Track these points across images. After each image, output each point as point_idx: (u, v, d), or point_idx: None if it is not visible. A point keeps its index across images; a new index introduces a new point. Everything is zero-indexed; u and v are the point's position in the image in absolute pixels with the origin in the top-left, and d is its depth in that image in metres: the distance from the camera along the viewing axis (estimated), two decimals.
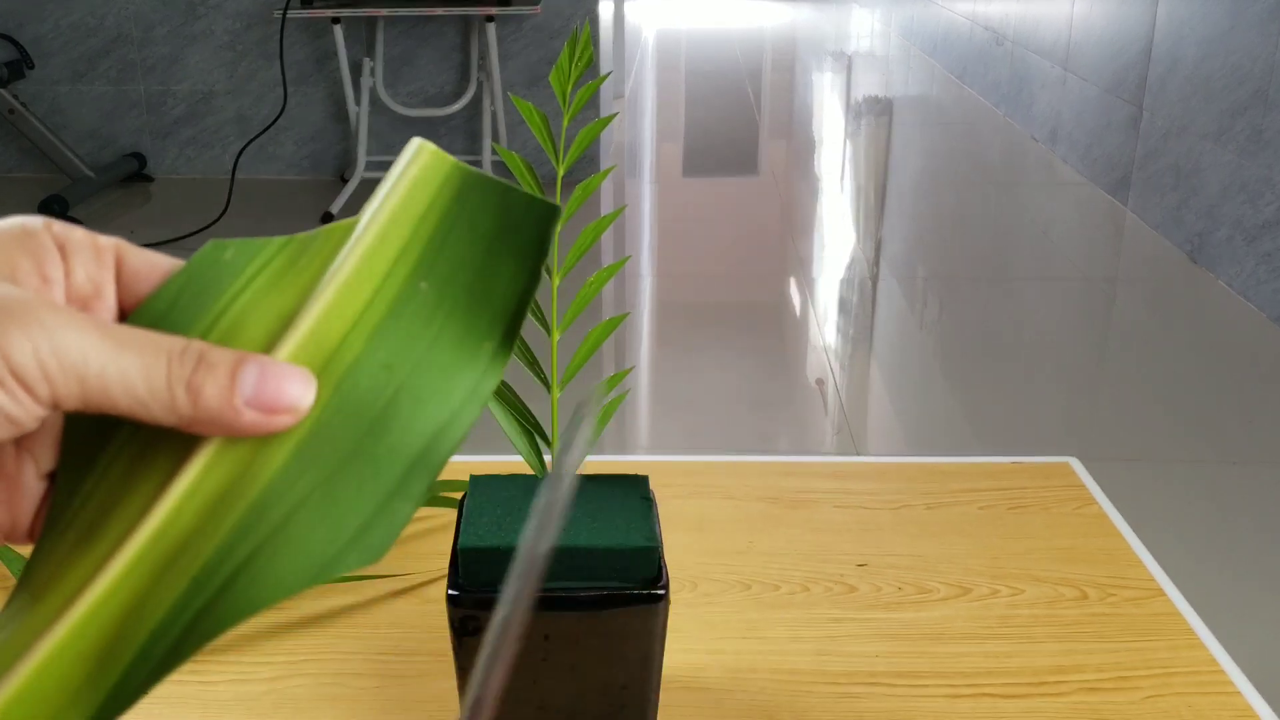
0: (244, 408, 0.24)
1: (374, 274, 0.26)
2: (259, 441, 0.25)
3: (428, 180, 0.27)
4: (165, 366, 0.24)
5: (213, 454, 0.25)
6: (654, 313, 2.83)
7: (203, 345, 0.25)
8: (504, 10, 3.26)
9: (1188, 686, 0.52)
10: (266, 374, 0.25)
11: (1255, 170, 2.72)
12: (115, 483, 0.25)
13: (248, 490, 0.25)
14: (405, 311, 0.26)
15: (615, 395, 0.48)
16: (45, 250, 0.26)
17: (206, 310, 0.26)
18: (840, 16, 8.67)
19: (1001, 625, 0.56)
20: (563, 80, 0.45)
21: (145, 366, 0.24)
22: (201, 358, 0.24)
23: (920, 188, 3.95)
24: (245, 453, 0.25)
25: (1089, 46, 3.85)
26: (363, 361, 0.26)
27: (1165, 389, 2.32)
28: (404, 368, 0.26)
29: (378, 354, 0.26)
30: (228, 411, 0.24)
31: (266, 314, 0.26)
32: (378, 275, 0.26)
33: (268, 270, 0.27)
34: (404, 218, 0.27)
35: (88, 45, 3.63)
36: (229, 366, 0.24)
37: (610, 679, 0.45)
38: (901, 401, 2.34)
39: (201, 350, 0.25)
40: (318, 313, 0.26)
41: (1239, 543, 1.79)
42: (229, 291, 0.26)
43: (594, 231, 0.46)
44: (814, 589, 0.59)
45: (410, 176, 0.27)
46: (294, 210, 3.43)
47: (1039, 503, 0.67)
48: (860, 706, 0.51)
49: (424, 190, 0.27)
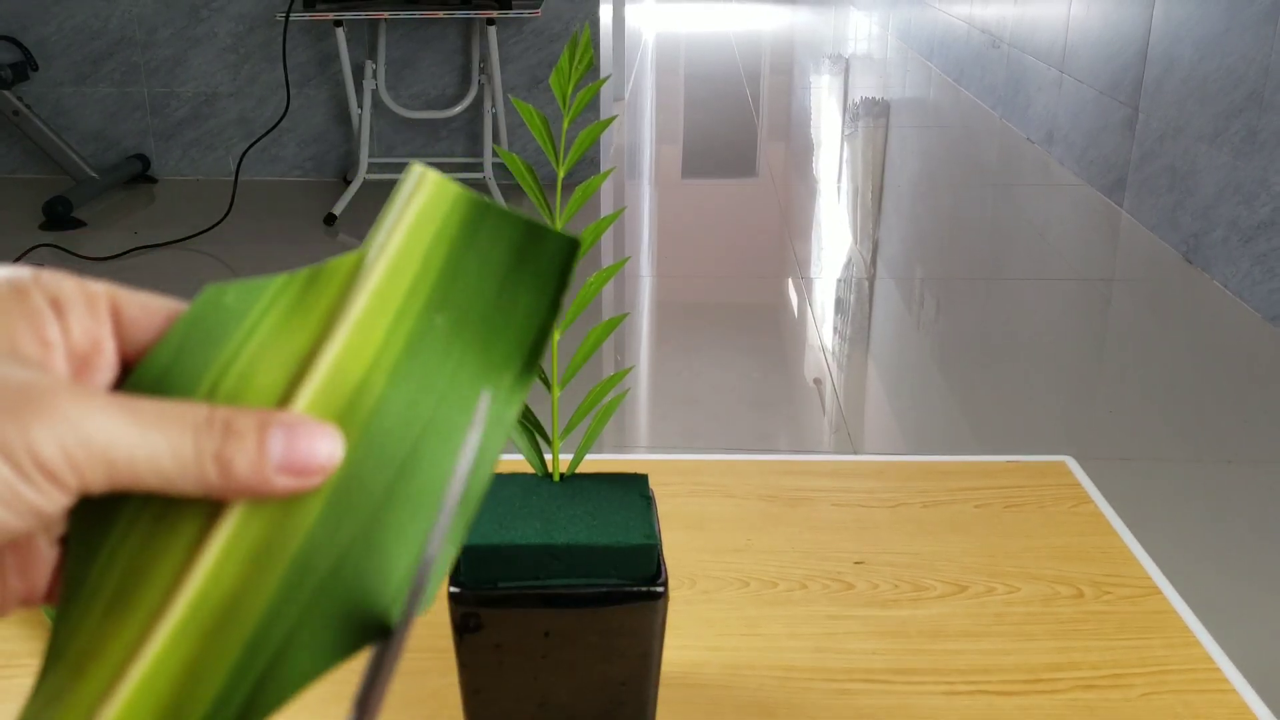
0: (276, 474, 0.24)
1: (387, 310, 0.26)
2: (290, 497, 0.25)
3: (434, 210, 0.27)
4: (192, 441, 0.23)
5: (244, 512, 0.24)
6: (653, 313, 2.83)
7: (227, 413, 0.24)
8: (505, 13, 3.26)
9: (1183, 684, 0.52)
10: (295, 436, 0.24)
11: (1250, 171, 2.72)
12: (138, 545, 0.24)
13: (288, 545, 0.24)
14: (422, 347, 0.26)
15: (615, 395, 0.49)
16: (39, 312, 0.25)
17: (213, 360, 0.25)
18: (838, 19, 8.67)
19: (998, 623, 0.57)
20: (563, 83, 0.46)
21: (172, 444, 0.23)
22: (228, 427, 0.24)
23: (917, 189, 3.95)
24: (277, 508, 0.24)
25: (1085, 49, 3.86)
26: (386, 402, 0.25)
27: (1161, 389, 2.32)
28: (427, 404, 0.25)
29: (400, 393, 0.25)
30: (260, 480, 0.24)
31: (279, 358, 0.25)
32: (391, 311, 0.26)
33: (274, 311, 0.26)
34: (413, 250, 0.26)
35: (92, 47, 3.64)
36: (256, 433, 0.24)
37: (610, 675, 0.45)
38: (899, 401, 2.35)
39: (226, 419, 0.24)
40: (334, 355, 0.25)
41: (1234, 541, 1.79)
42: (235, 337, 0.25)
43: (594, 232, 0.46)
44: (812, 586, 0.59)
45: (416, 206, 0.26)
46: (297, 212, 3.43)
47: (1035, 501, 0.67)
48: (857, 703, 0.51)
49: (430, 220, 0.26)
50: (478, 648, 0.44)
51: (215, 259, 3.06)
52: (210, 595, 0.23)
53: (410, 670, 0.53)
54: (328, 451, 0.24)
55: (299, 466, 0.24)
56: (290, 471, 0.24)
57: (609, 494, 0.46)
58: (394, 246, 0.26)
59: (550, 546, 0.43)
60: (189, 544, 0.24)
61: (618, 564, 0.43)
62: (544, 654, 0.44)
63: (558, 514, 0.45)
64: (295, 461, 0.24)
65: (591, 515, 0.45)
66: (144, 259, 3.02)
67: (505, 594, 0.43)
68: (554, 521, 0.44)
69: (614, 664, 0.45)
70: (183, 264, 3.02)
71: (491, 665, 0.44)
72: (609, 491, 0.46)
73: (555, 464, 0.48)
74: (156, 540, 0.24)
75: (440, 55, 3.61)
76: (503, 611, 0.43)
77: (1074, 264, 3.10)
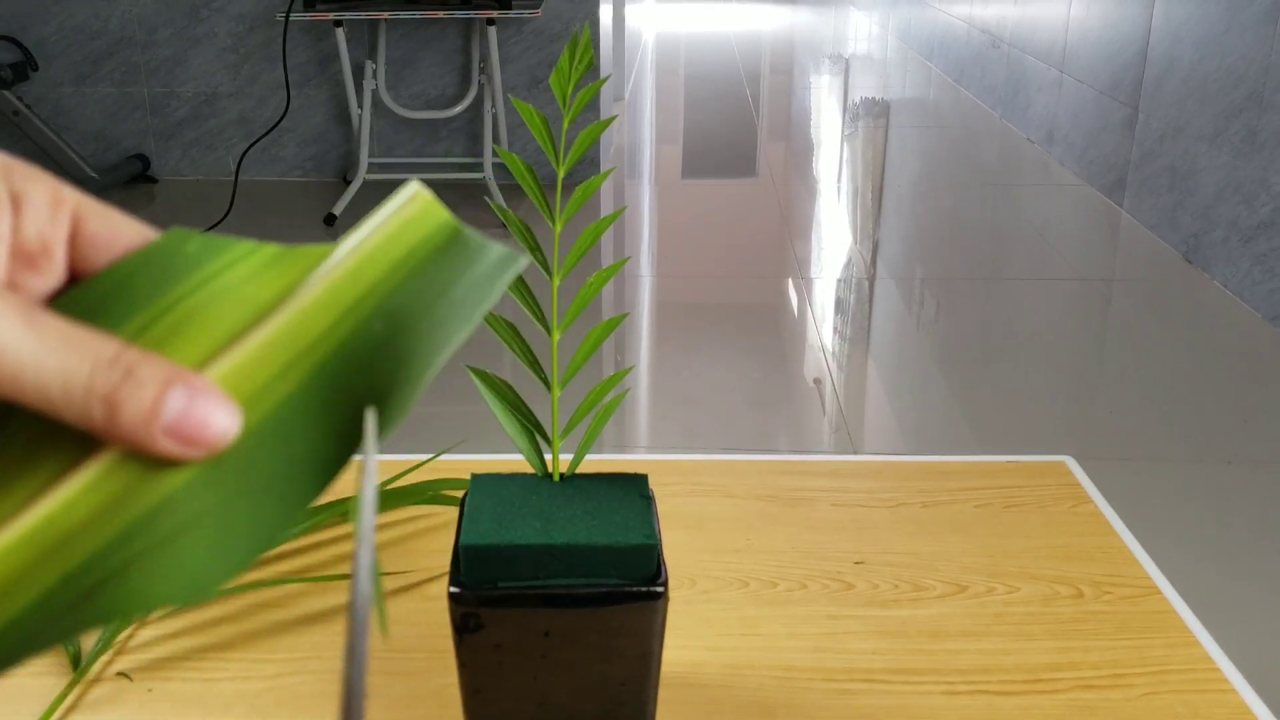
0: (161, 435, 0.23)
1: (336, 306, 0.26)
2: None
3: (415, 227, 0.27)
4: (88, 373, 0.22)
5: (116, 456, 0.24)
6: (653, 313, 2.83)
7: (136, 356, 0.23)
8: (505, 13, 3.27)
9: (1183, 684, 0.52)
10: (194, 402, 0.23)
11: (1250, 171, 2.72)
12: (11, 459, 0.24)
13: (145, 498, 0.24)
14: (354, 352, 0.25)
15: (615, 395, 0.49)
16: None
17: (154, 301, 0.25)
18: (838, 20, 8.68)
19: (998, 623, 0.57)
20: (563, 83, 0.46)
21: (66, 371, 0.22)
22: (130, 372, 0.23)
23: (917, 189, 3.95)
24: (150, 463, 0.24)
25: (1085, 49, 3.86)
26: (296, 396, 0.25)
27: (1161, 389, 2.32)
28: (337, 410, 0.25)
29: (314, 389, 0.25)
30: (143, 435, 0.23)
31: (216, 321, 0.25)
32: (339, 308, 0.26)
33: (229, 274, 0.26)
34: (382, 257, 0.26)
35: (92, 47, 3.64)
36: (157, 387, 0.23)
37: (609, 675, 0.45)
38: (899, 401, 2.35)
39: (133, 363, 0.23)
40: (267, 335, 0.25)
41: (1234, 541, 1.79)
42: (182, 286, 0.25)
43: (594, 232, 0.46)
44: (811, 586, 0.59)
45: (400, 219, 0.27)
46: (297, 212, 3.43)
47: (1035, 501, 0.67)
48: (857, 703, 0.51)
49: (409, 236, 0.27)
50: (478, 648, 0.44)
51: None
52: (53, 525, 0.23)
53: (410, 670, 0.53)
54: (222, 427, 0.23)
55: (187, 434, 0.23)
56: (176, 437, 0.23)
57: (609, 494, 0.46)
58: (365, 249, 0.26)
59: (550, 546, 0.43)
60: (57, 471, 0.24)
61: (618, 564, 0.43)
62: (544, 654, 0.44)
63: (558, 514, 0.45)
64: (186, 428, 0.23)
65: (591, 515, 0.45)
66: None
67: (505, 594, 0.43)
68: (554, 521, 0.44)
69: (614, 664, 0.45)
70: None
71: (491, 665, 0.44)
72: (609, 491, 0.46)
73: (555, 464, 0.48)
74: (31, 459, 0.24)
75: (440, 55, 3.61)
76: (503, 611, 0.43)
77: (1074, 264, 3.10)
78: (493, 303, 0.27)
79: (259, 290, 0.26)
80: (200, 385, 0.23)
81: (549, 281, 0.47)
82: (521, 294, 0.48)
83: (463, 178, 3.67)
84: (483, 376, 0.48)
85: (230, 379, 0.25)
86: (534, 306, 0.48)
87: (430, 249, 0.27)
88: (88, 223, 0.25)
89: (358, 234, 0.27)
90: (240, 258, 0.26)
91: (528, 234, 0.47)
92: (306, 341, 0.25)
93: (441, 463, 0.67)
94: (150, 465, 0.24)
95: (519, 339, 0.48)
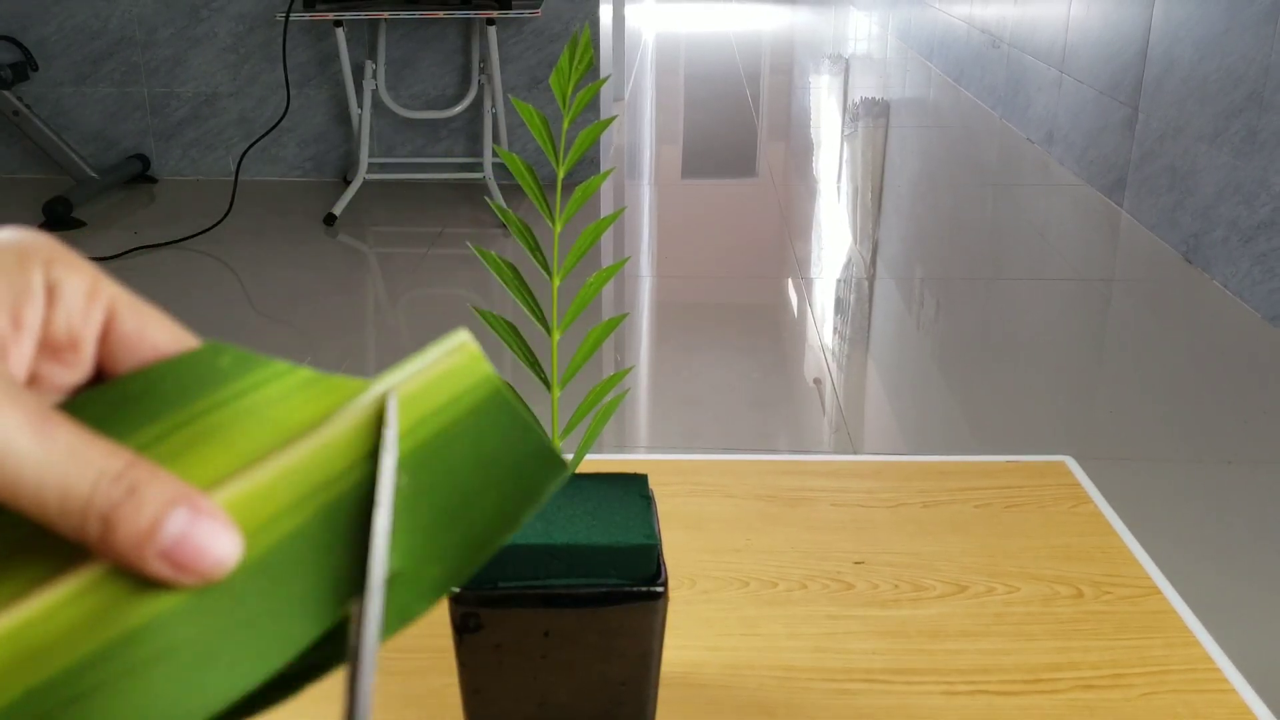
0: (155, 557, 0.22)
1: (359, 446, 0.25)
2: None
3: (456, 379, 0.26)
4: (89, 489, 0.22)
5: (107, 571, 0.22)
6: (653, 313, 2.83)
7: (144, 473, 0.22)
8: (505, 13, 3.27)
9: (1183, 684, 0.52)
10: (195, 526, 0.22)
11: (1250, 172, 2.72)
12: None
13: (127, 619, 0.22)
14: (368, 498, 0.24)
15: (615, 395, 0.49)
16: (29, 291, 0.23)
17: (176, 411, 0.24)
18: (838, 20, 8.68)
19: (997, 623, 0.57)
20: (563, 83, 0.46)
21: (67, 483, 0.22)
22: (134, 489, 0.22)
23: (917, 189, 3.95)
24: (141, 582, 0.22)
25: (1085, 49, 3.86)
26: (302, 535, 0.24)
27: (1160, 389, 2.32)
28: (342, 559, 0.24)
29: (322, 534, 0.24)
30: (135, 555, 0.22)
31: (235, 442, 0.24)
32: (363, 450, 0.25)
33: (256, 394, 0.25)
34: (417, 406, 0.25)
35: (92, 47, 3.64)
36: (159, 506, 0.22)
37: (609, 675, 0.45)
38: (898, 401, 2.35)
39: (138, 480, 0.22)
40: (285, 465, 0.24)
41: (1234, 541, 1.79)
42: (208, 399, 0.24)
43: (594, 232, 0.46)
44: (811, 586, 0.59)
45: (441, 368, 0.26)
46: (297, 212, 3.43)
47: (1035, 501, 0.67)
48: (857, 703, 0.51)
49: (448, 388, 0.26)
50: (478, 648, 0.44)
51: (215, 259, 3.06)
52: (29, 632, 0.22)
53: (410, 670, 0.53)
54: (220, 556, 0.22)
55: (182, 560, 0.22)
56: (170, 561, 0.22)
57: (609, 494, 0.46)
58: (400, 392, 0.25)
59: (550, 546, 0.43)
60: (38, 573, 0.22)
61: (618, 564, 0.43)
62: (544, 654, 0.44)
63: (558, 514, 0.45)
64: (182, 554, 0.22)
65: (591, 515, 0.45)
66: (144, 259, 3.02)
67: (505, 594, 0.43)
68: (554, 521, 0.44)
69: (614, 664, 0.45)
70: (183, 264, 3.02)
71: (491, 665, 0.44)
72: (609, 491, 0.46)
73: None
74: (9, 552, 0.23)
75: (440, 55, 3.62)
76: (503, 611, 0.43)
77: (1074, 264, 3.10)
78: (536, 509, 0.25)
79: (286, 415, 0.25)
80: (205, 508, 0.23)
81: (549, 281, 0.47)
82: (521, 294, 0.48)
83: (463, 178, 3.67)
84: None
85: (239, 505, 0.23)
86: (534, 306, 0.48)
87: (468, 407, 0.26)
88: (121, 320, 0.25)
89: (396, 374, 0.26)
90: (272, 378, 0.25)
91: (528, 234, 0.47)
92: (322, 478, 0.24)
93: None
94: (138, 585, 0.22)
95: (519, 339, 0.48)
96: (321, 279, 2.91)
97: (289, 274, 2.94)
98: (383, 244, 3.27)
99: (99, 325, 0.24)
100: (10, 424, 0.21)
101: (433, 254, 3.10)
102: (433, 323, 2.68)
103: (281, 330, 2.63)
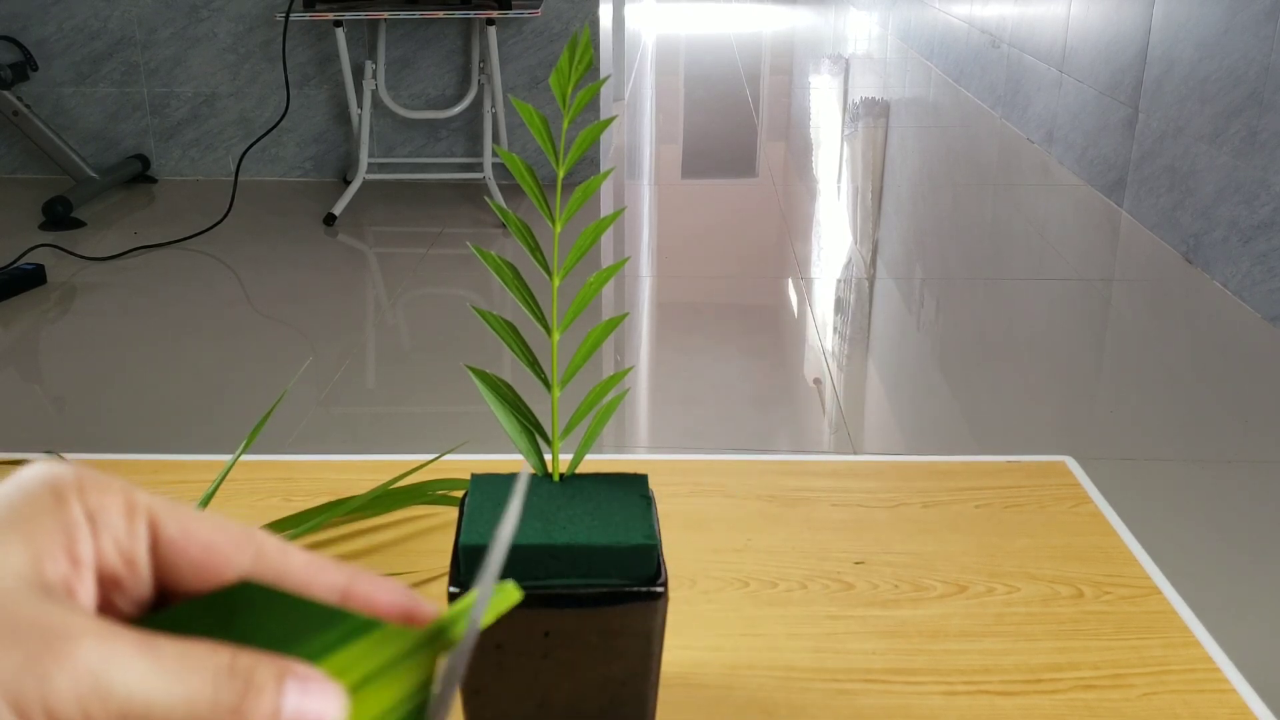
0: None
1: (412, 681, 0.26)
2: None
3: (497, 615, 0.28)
4: (211, 691, 0.23)
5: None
6: (653, 313, 2.83)
7: (250, 660, 0.23)
8: (505, 13, 3.27)
9: (1183, 684, 0.52)
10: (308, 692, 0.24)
11: (1250, 172, 2.72)
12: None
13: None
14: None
15: (615, 395, 0.49)
16: (74, 525, 0.24)
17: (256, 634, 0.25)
18: (838, 20, 8.68)
19: (998, 623, 0.57)
20: (563, 83, 0.46)
21: (190, 693, 0.23)
22: (249, 680, 0.23)
23: (917, 189, 3.95)
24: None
25: (1085, 49, 3.86)
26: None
27: (1161, 389, 2.32)
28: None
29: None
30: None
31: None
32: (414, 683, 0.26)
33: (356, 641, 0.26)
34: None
35: (91, 48, 3.64)
36: (275, 684, 0.23)
37: (609, 675, 0.45)
38: (898, 401, 2.35)
39: (249, 669, 0.23)
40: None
41: (1234, 541, 1.79)
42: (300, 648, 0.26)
43: (594, 233, 0.46)
44: (811, 586, 0.59)
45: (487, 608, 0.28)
46: (296, 211, 3.43)
47: (1035, 501, 0.67)
48: (857, 703, 0.51)
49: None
50: (478, 648, 0.44)
51: (215, 259, 3.06)
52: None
53: None
54: (332, 715, 0.24)
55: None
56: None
57: (609, 494, 0.46)
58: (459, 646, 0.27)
59: (550, 546, 0.43)
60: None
61: (618, 564, 0.43)
62: (544, 654, 0.44)
63: (558, 514, 0.45)
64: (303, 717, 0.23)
65: (591, 515, 0.45)
66: (144, 259, 3.02)
67: None
68: (554, 521, 0.44)
69: (614, 664, 0.45)
70: (183, 264, 3.02)
71: (491, 665, 0.44)
72: (609, 491, 0.46)
73: (555, 464, 0.48)
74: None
75: (440, 55, 3.62)
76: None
77: (1074, 264, 3.10)
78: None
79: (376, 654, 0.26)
80: (308, 672, 0.24)
81: (549, 281, 0.47)
82: (521, 294, 0.48)
83: (463, 178, 3.67)
84: (483, 376, 0.48)
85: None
86: (534, 306, 0.48)
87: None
88: (164, 526, 0.25)
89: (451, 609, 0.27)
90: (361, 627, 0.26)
91: (528, 234, 0.47)
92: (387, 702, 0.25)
93: (442, 463, 0.67)
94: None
95: (519, 339, 0.48)
96: (321, 279, 2.91)
97: (289, 274, 2.94)
98: (382, 244, 3.27)
99: (146, 539, 0.25)
100: (125, 662, 0.22)
101: (433, 254, 3.10)
102: (433, 323, 2.68)
103: (281, 330, 2.63)
